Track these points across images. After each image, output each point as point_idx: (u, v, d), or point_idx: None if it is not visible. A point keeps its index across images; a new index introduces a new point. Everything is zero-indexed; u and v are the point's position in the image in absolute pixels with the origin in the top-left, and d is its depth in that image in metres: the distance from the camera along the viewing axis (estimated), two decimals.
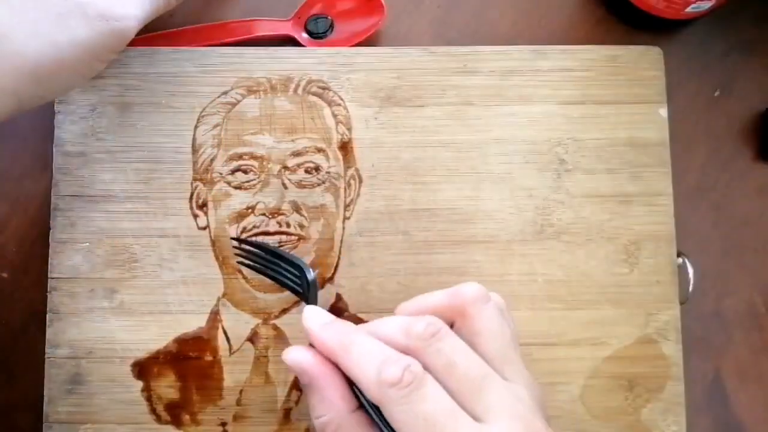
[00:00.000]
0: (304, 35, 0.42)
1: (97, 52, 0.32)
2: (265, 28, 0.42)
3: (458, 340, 0.30)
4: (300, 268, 0.35)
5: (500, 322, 0.31)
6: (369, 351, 0.29)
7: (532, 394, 0.29)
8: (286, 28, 0.42)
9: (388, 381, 0.27)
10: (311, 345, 0.31)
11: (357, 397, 0.30)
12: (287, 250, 0.38)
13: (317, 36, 0.42)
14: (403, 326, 0.30)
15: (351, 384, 0.30)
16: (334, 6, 0.42)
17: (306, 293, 0.35)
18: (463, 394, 0.28)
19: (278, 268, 0.36)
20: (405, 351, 0.29)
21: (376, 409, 0.29)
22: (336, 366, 0.30)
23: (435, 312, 0.31)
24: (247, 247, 0.38)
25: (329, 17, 0.42)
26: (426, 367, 0.28)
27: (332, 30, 0.42)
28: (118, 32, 0.32)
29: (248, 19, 0.42)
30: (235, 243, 0.38)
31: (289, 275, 0.36)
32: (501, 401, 0.28)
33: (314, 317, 0.32)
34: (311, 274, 0.35)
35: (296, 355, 0.30)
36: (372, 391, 0.28)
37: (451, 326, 0.31)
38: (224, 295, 0.38)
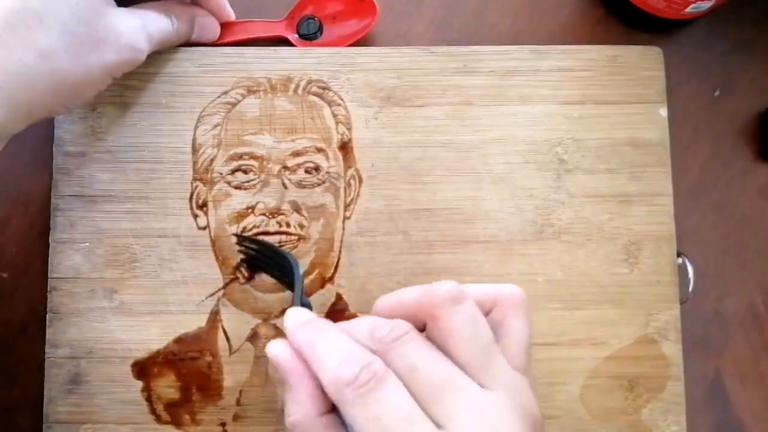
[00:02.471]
0: (296, 36, 0.42)
1: (115, 73, 0.35)
2: (259, 29, 0.42)
3: (425, 344, 0.28)
4: (289, 264, 0.35)
5: (473, 325, 0.29)
6: (334, 347, 0.28)
7: (515, 403, 0.27)
8: (279, 29, 0.42)
9: (344, 379, 0.26)
10: None
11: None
12: (287, 251, 0.38)
13: (308, 37, 0.42)
14: (370, 328, 0.29)
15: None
16: (326, 7, 0.42)
17: (294, 290, 0.34)
18: (425, 399, 0.27)
19: (275, 265, 0.36)
20: (374, 353, 0.28)
21: None
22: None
23: (409, 310, 0.29)
24: (247, 244, 0.38)
25: (317, 19, 0.42)
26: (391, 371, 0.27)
27: (321, 32, 0.42)
28: (136, 60, 0.36)
29: (241, 20, 0.42)
30: (235, 240, 0.38)
31: (285, 271, 0.36)
32: (465, 408, 0.26)
33: (292, 316, 0.31)
34: (298, 272, 0.34)
35: (275, 348, 0.29)
36: (329, 389, 0.27)
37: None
38: (224, 295, 0.38)
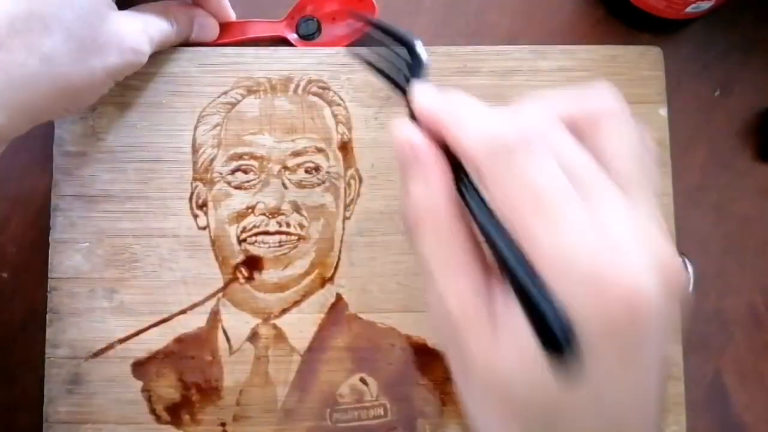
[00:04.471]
0: (295, 36, 0.42)
1: (118, 76, 0.35)
2: (258, 29, 0.42)
3: (579, 144, 0.24)
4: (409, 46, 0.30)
5: (640, 146, 0.25)
6: (478, 109, 0.25)
7: (661, 226, 0.23)
8: (278, 29, 0.42)
9: (493, 138, 0.23)
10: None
11: (457, 185, 0.25)
12: (287, 250, 0.38)
13: (307, 37, 0.42)
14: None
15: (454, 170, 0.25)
16: (324, 7, 0.42)
17: (412, 73, 0.30)
18: (575, 183, 0.22)
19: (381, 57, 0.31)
20: None
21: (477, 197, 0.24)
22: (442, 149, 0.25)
23: (566, 107, 0.26)
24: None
25: (316, 18, 0.42)
26: None
27: (320, 32, 0.42)
28: (139, 63, 0.36)
29: (241, 20, 0.41)
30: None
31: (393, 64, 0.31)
32: (617, 199, 0.23)
33: (421, 90, 0.27)
34: (421, 52, 0.30)
35: (406, 129, 0.26)
36: (474, 154, 0.23)
37: None
38: (224, 295, 0.38)
